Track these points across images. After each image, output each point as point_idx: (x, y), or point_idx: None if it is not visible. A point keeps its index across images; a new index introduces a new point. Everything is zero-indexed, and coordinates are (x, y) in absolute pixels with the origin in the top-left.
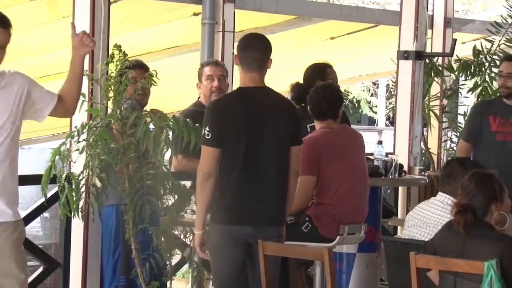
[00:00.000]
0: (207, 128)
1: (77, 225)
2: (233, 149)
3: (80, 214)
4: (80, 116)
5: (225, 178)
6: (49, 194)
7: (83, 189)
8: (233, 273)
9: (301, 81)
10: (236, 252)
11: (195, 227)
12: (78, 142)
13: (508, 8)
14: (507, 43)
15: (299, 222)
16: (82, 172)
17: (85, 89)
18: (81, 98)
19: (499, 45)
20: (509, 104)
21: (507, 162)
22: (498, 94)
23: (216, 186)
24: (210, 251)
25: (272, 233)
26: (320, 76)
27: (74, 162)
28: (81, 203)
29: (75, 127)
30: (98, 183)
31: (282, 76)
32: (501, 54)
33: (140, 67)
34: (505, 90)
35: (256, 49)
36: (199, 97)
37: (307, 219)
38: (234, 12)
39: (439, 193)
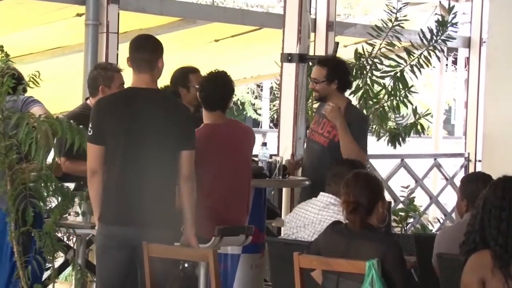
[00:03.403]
0: (90, 126)
1: None
2: (113, 148)
3: None
4: None
5: (106, 176)
6: None
7: None
8: (117, 278)
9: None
10: (120, 255)
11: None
12: None
13: (388, 13)
14: (387, 47)
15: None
16: None
17: None
18: None
19: (380, 49)
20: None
21: (308, 159)
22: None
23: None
24: (95, 252)
25: (157, 236)
26: (181, 82)
27: None
28: None
29: None
30: None
31: (167, 78)
32: (382, 58)
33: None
34: (316, 94)
35: (144, 50)
36: (87, 98)
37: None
38: (119, 13)
39: (321, 193)
